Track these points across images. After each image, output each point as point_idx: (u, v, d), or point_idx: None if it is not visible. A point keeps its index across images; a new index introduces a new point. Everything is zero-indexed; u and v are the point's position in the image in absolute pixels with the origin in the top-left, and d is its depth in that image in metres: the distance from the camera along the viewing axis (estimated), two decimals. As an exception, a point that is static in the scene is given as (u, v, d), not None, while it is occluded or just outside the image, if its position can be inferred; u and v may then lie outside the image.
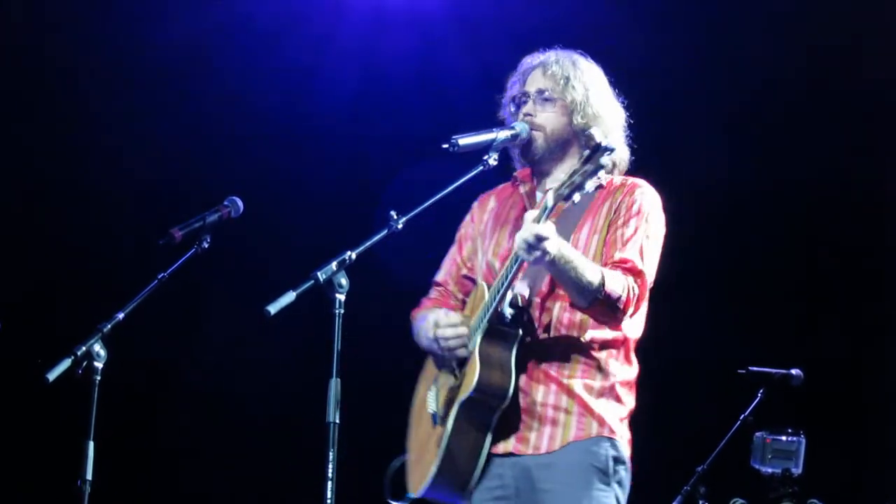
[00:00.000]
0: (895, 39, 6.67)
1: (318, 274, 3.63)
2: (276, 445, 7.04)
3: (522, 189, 4.09)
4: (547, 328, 3.86)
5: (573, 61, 4.06)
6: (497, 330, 3.80)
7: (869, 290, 6.85)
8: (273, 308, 3.55)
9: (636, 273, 3.80)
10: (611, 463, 3.81)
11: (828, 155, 6.77)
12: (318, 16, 7.15)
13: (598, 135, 3.53)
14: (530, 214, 3.60)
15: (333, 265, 3.66)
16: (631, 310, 3.78)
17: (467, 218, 4.24)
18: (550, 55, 4.08)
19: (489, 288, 3.88)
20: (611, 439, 3.84)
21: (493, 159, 3.97)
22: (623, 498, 3.86)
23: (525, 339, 3.82)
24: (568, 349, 3.85)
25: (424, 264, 4.44)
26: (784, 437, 6.24)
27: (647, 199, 3.95)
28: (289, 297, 3.57)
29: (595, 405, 3.83)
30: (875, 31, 6.65)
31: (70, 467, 4.00)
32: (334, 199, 7.13)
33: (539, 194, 4.02)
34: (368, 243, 3.75)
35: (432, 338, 3.90)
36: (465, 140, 3.95)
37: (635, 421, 3.99)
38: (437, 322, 3.89)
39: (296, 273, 3.68)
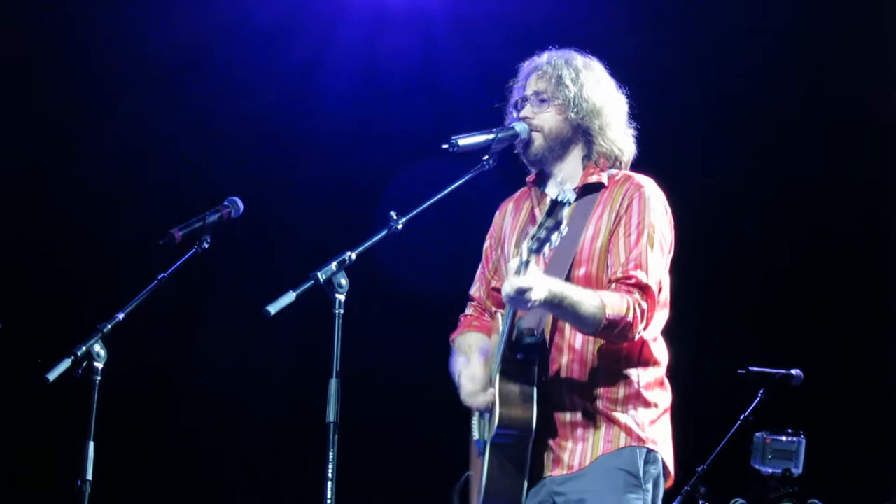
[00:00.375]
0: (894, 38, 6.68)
1: (318, 274, 3.62)
2: (276, 446, 7.04)
3: (533, 193, 4.07)
4: (562, 349, 3.85)
5: (566, 60, 4.04)
6: (513, 364, 3.78)
7: (869, 291, 6.85)
8: (273, 308, 3.55)
9: (642, 288, 3.77)
10: (640, 464, 3.81)
11: (828, 155, 6.78)
12: (318, 16, 7.15)
13: (553, 191, 3.56)
14: (512, 265, 3.54)
15: (333, 265, 3.65)
16: (641, 325, 3.75)
17: (490, 229, 4.24)
18: (544, 56, 4.07)
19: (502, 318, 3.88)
20: (642, 448, 3.83)
21: (492, 160, 3.97)
22: (659, 497, 3.86)
23: (543, 366, 3.82)
24: (585, 366, 3.84)
25: (424, 265, 4.44)
26: (784, 438, 6.24)
27: (652, 203, 3.88)
28: (289, 298, 3.57)
29: (620, 416, 3.83)
30: (876, 30, 6.66)
31: (70, 467, 3.99)
32: (334, 199, 7.13)
33: (547, 198, 3.95)
34: (368, 243, 3.74)
35: (465, 393, 3.93)
36: (465, 140, 3.95)
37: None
38: (464, 389, 3.92)
39: (296, 273, 3.68)
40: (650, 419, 3.87)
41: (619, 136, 3.98)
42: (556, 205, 3.46)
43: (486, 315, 4.18)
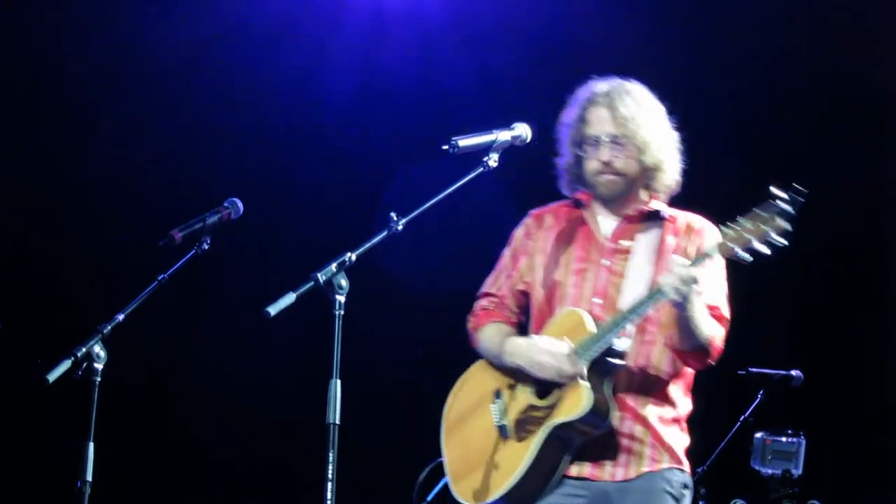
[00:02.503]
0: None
1: (318, 275, 3.62)
2: (277, 446, 7.04)
3: (588, 214, 4.19)
4: (632, 360, 4.00)
5: (637, 101, 4.14)
6: (604, 362, 3.91)
7: (869, 291, 6.85)
8: (273, 309, 3.55)
9: (723, 321, 4.05)
10: (682, 490, 4.05)
11: (829, 155, 6.77)
12: (318, 16, 7.15)
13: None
14: (682, 260, 3.78)
15: (333, 266, 3.65)
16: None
17: (521, 232, 4.29)
18: (611, 92, 4.13)
19: (586, 316, 3.96)
20: (681, 469, 4.06)
21: (493, 161, 3.98)
22: None
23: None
24: (645, 381, 4.01)
25: (424, 266, 4.44)
26: (784, 438, 6.24)
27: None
28: (289, 299, 3.57)
29: (666, 436, 4.03)
30: (879, 30, 6.66)
31: (70, 468, 3.99)
32: (334, 200, 7.13)
33: (602, 219, 4.15)
34: (368, 244, 3.75)
35: (537, 361, 3.95)
36: (465, 141, 3.95)
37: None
38: (550, 352, 3.94)
39: (296, 274, 3.68)
40: (685, 447, 4.12)
41: (677, 170, 4.19)
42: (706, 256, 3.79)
43: (505, 312, 4.24)
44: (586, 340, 3.91)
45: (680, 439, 4.09)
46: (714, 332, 3.95)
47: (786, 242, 3.75)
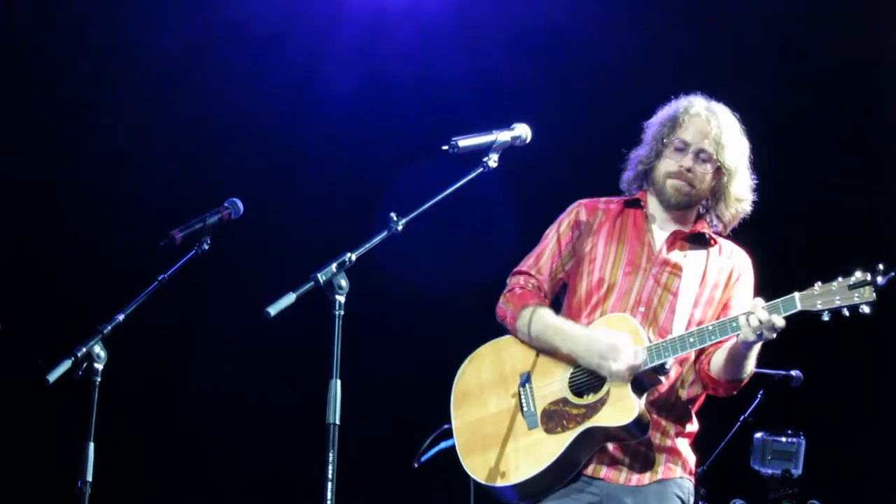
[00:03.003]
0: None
1: (318, 275, 3.63)
2: (277, 446, 7.04)
3: (644, 214, 4.23)
4: (666, 381, 4.08)
5: (734, 129, 4.23)
6: (650, 375, 3.99)
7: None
8: (273, 309, 3.55)
9: None
10: (690, 497, 4.15)
11: (829, 155, 6.78)
12: (318, 16, 7.15)
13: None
14: (760, 303, 3.92)
15: (333, 266, 3.66)
16: None
17: (568, 219, 4.30)
18: (715, 111, 4.23)
19: (640, 327, 3.99)
20: (691, 480, 4.20)
21: (492, 161, 3.99)
22: None
23: None
24: (670, 398, 4.10)
25: (424, 266, 4.44)
26: (784, 439, 6.24)
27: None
28: (289, 299, 3.57)
29: (682, 449, 4.15)
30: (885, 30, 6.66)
31: (70, 468, 4.00)
32: (335, 200, 7.13)
33: (656, 229, 4.20)
34: (368, 245, 3.75)
35: (603, 347, 3.96)
36: (465, 142, 3.96)
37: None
38: (615, 342, 3.96)
39: (296, 274, 3.68)
40: (694, 461, 4.22)
41: (744, 209, 4.26)
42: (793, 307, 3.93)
43: (541, 295, 4.23)
44: (652, 349, 3.96)
45: (691, 454, 4.21)
46: (754, 367, 4.08)
47: (869, 312, 3.94)
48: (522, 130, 4.07)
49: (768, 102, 6.84)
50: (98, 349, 3.99)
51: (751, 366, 4.03)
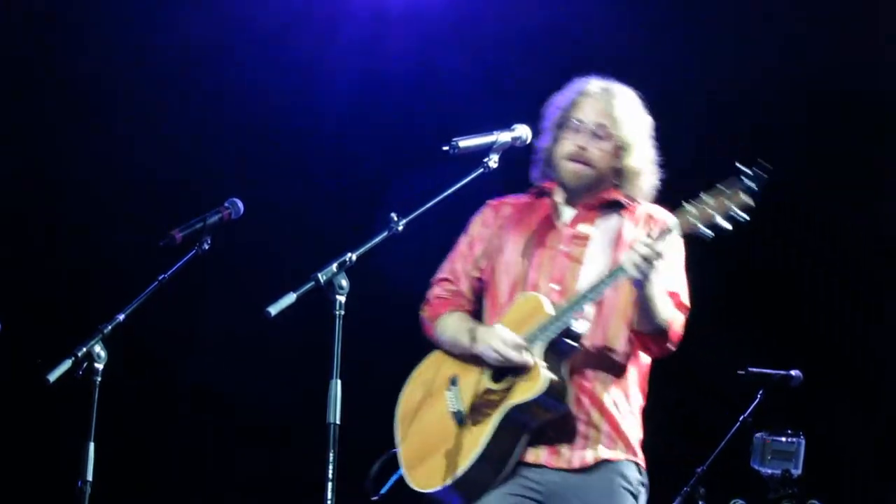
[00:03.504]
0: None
1: (319, 275, 3.64)
2: (277, 446, 7.04)
3: (551, 201, 4.16)
4: (593, 349, 3.98)
5: (629, 103, 4.15)
6: (563, 343, 3.90)
7: (868, 291, 6.85)
8: (274, 309, 3.56)
9: (682, 308, 4.03)
10: (639, 487, 4.02)
11: (828, 155, 6.77)
12: (318, 16, 7.15)
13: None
14: (640, 235, 3.79)
15: (334, 266, 3.66)
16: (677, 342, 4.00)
17: (478, 219, 4.29)
18: (611, 89, 4.16)
19: (544, 299, 3.94)
20: (636, 464, 4.03)
21: (493, 161, 3.99)
22: None
23: (575, 359, 3.95)
24: (602, 364, 3.98)
25: (424, 266, 4.44)
26: (783, 438, 6.24)
27: (678, 236, 4.02)
28: (289, 299, 3.58)
29: (621, 425, 4.00)
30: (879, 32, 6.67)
31: (70, 468, 4.00)
32: (335, 200, 7.13)
33: (564, 209, 4.12)
34: (369, 245, 3.76)
35: (493, 348, 3.93)
36: (465, 142, 3.97)
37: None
38: (503, 339, 3.93)
39: (296, 274, 3.68)
40: (639, 440, 4.07)
41: (648, 181, 4.16)
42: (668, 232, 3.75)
43: (461, 300, 4.24)
44: (544, 322, 3.89)
45: (635, 430, 4.05)
46: (673, 317, 3.93)
47: (747, 217, 3.74)
48: (523, 131, 4.08)
49: (768, 102, 6.86)
50: (98, 349, 3.99)
51: (663, 312, 3.87)
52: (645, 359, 4.09)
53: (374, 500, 4.61)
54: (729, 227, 3.71)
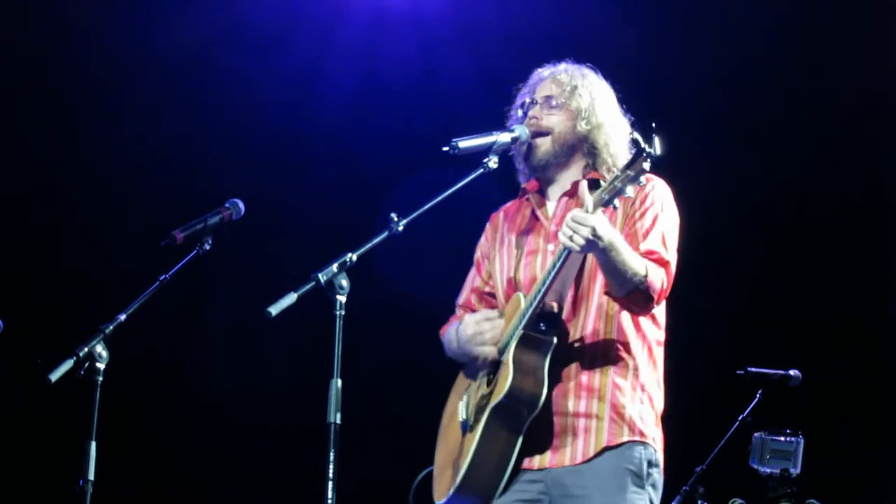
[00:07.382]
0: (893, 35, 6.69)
1: (319, 275, 3.63)
2: (277, 446, 7.05)
3: (532, 199, 4.12)
4: (576, 333, 3.89)
5: (582, 73, 4.12)
6: (531, 337, 3.82)
7: (868, 291, 6.86)
8: (274, 309, 3.56)
9: (664, 264, 3.83)
10: (644, 466, 3.83)
11: (828, 155, 6.79)
12: (318, 16, 7.16)
13: (642, 139, 3.57)
14: (578, 210, 3.62)
15: (334, 267, 3.66)
16: (662, 300, 3.84)
17: (482, 239, 4.29)
18: (561, 65, 4.15)
19: (522, 296, 3.91)
20: (643, 443, 3.85)
21: (493, 162, 3.99)
22: (657, 501, 3.87)
23: (558, 347, 3.84)
24: (596, 353, 3.87)
25: (425, 266, 4.45)
26: (782, 438, 6.25)
27: (660, 190, 3.98)
28: (290, 299, 3.58)
29: (625, 408, 3.84)
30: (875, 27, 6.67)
31: (72, 468, 4.01)
32: (335, 200, 7.14)
33: (548, 203, 4.07)
34: (369, 245, 3.76)
35: (469, 334, 3.93)
36: (466, 143, 3.97)
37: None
38: (475, 320, 3.93)
39: (297, 274, 3.69)
40: (652, 418, 3.90)
41: (622, 152, 4.01)
42: (641, 154, 3.53)
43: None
44: (515, 319, 3.86)
45: (642, 408, 3.88)
46: (647, 272, 3.72)
47: (644, 178, 3.65)
48: (522, 132, 4.08)
49: (768, 100, 6.88)
50: (100, 349, 4.00)
51: (631, 269, 3.68)
52: (650, 329, 3.95)
53: None
54: (632, 193, 3.63)
